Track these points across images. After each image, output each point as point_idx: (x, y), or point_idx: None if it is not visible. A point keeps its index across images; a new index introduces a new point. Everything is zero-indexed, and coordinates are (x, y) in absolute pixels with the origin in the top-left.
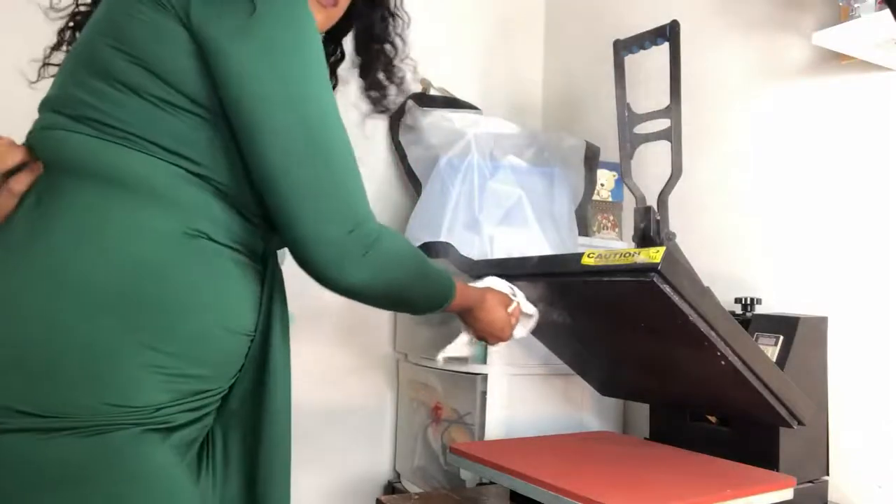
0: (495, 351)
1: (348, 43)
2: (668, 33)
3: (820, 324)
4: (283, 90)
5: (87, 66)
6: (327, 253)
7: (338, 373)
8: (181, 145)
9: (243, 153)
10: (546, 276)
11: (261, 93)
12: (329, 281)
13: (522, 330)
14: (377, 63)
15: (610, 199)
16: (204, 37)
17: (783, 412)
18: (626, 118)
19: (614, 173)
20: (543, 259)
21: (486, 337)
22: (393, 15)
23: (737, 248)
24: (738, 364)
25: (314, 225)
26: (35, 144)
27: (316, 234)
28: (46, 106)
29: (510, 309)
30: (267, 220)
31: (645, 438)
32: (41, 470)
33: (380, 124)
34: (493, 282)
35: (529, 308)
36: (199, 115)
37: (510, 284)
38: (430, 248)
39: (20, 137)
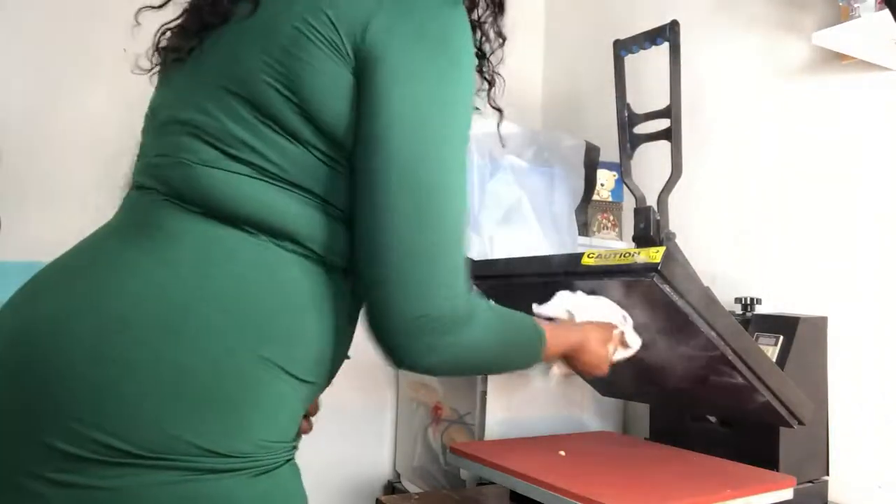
0: None
1: None
2: (668, 33)
3: (820, 324)
4: (423, 150)
5: (246, 101)
6: (410, 331)
7: (338, 373)
8: (336, 196)
9: (355, 198)
10: (546, 276)
11: (398, 149)
12: (398, 361)
13: (619, 355)
14: None
15: (610, 199)
16: (366, 79)
17: (783, 412)
18: (626, 118)
19: (614, 173)
20: (543, 259)
21: (583, 373)
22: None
23: (737, 248)
24: (738, 364)
25: (403, 297)
26: (173, 171)
27: (406, 308)
28: (184, 129)
29: (612, 342)
30: None
31: (645, 438)
32: None
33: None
34: (604, 307)
35: (633, 341)
36: (348, 167)
37: (624, 312)
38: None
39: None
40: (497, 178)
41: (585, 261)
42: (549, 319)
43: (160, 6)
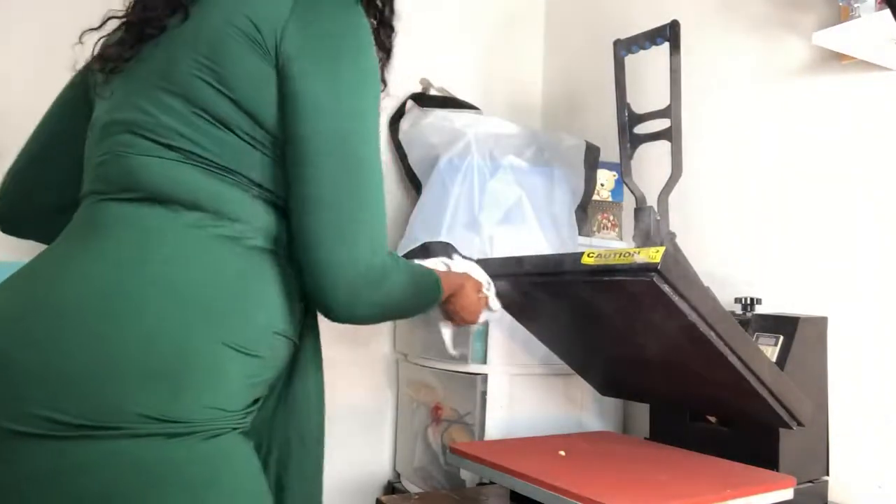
0: (495, 350)
1: None
2: (668, 33)
3: (820, 324)
4: (343, 126)
5: (179, 96)
6: (341, 288)
7: (338, 373)
8: (265, 178)
9: (289, 176)
10: (546, 275)
11: (322, 128)
12: (332, 312)
13: (484, 316)
14: None
15: (610, 199)
16: (286, 75)
17: (783, 412)
18: (626, 118)
19: (614, 173)
20: (543, 259)
21: (455, 318)
22: (383, 24)
23: (737, 248)
24: (738, 364)
25: (337, 256)
26: (111, 167)
27: (337, 267)
28: (121, 127)
29: (480, 296)
30: None
31: (645, 438)
32: (171, 473)
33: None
34: (472, 269)
35: (495, 304)
36: (275, 151)
37: (488, 278)
38: (430, 248)
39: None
40: (497, 178)
41: (585, 260)
42: None
43: (99, 27)
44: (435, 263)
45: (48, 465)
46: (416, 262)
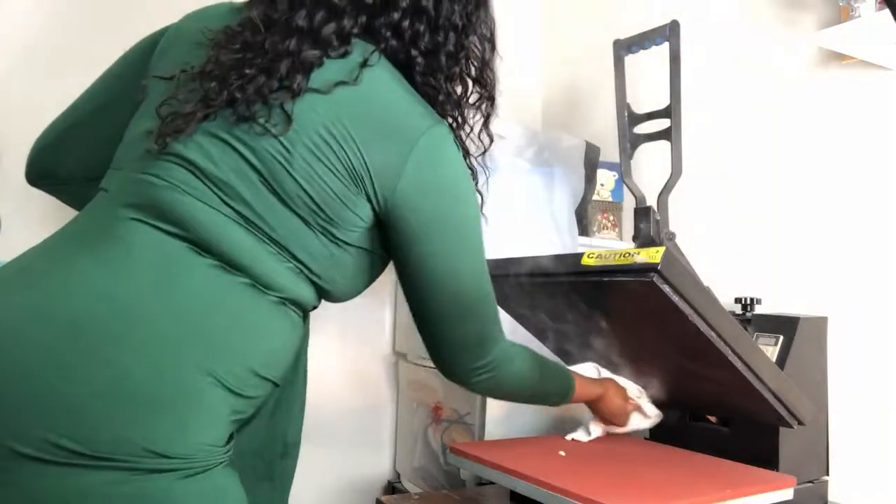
0: None
1: None
2: (668, 33)
3: (820, 324)
4: (465, 265)
5: (255, 170)
6: (473, 378)
7: (338, 373)
8: (312, 259)
9: (406, 290)
10: (546, 276)
11: (448, 263)
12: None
13: (639, 423)
14: None
15: (610, 199)
16: (395, 217)
17: (783, 412)
18: (626, 118)
19: (614, 173)
20: (543, 259)
21: (605, 422)
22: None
23: (737, 248)
24: (738, 364)
25: (464, 360)
26: (161, 194)
27: (465, 365)
28: (183, 161)
29: (629, 404)
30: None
31: (645, 438)
32: None
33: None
34: (622, 380)
35: (651, 411)
36: (347, 251)
37: (638, 388)
38: None
39: None
40: (497, 178)
41: (585, 261)
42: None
43: (168, 78)
44: (586, 368)
45: (49, 491)
46: (573, 368)
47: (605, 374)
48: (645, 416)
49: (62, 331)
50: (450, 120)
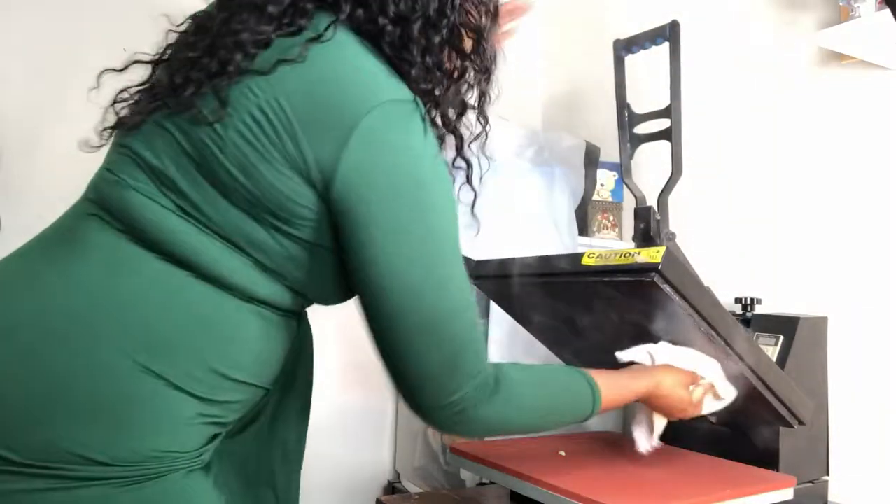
0: (495, 351)
1: None
2: (668, 33)
3: (820, 324)
4: (420, 271)
5: (192, 160)
6: (441, 417)
7: (338, 373)
8: (262, 254)
9: (364, 303)
10: (546, 276)
11: (397, 269)
12: (438, 429)
13: (711, 406)
14: None
15: (610, 199)
16: (342, 208)
17: (783, 412)
18: (626, 118)
19: (614, 173)
20: (543, 259)
21: (665, 416)
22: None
23: (737, 248)
24: (739, 364)
25: (429, 393)
26: (112, 189)
27: (430, 401)
28: (133, 158)
29: (696, 389)
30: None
31: None
32: None
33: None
34: (691, 356)
35: (726, 391)
36: (303, 248)
37: (713, 361)
38: None
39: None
40: (497, 177)
41: (585, 261)
42: (631, 363)
43: (121, 70)
44: (637, 354)
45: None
46: (617, 354)
47: (664, 357)
48: (717, 397)
49: (4, 333)
50: (426, 99)
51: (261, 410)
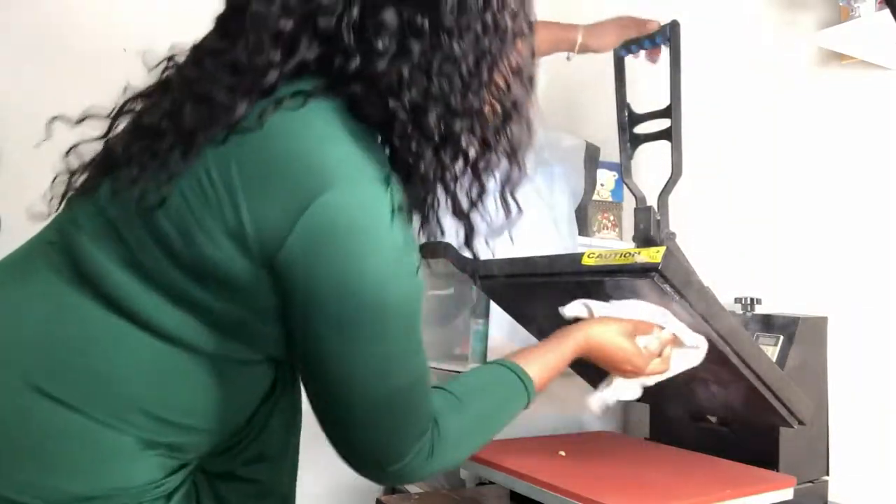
0: (494, 350)
1: None
2: (668, 33)
3: (820, 324)
4: (363, 368)
5: (144, 225)
6: (383, 479)
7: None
8: (206, 313)
9: (303, 376)
10: (546, 276)
11: (338, 362)
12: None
13: (684, 358)
14: None
15: (610, 199)
16: (285, 287)
17: (783, 412)
18: (626, 118)
19: (614, 173)
20: (543, 259)
21: (615, 370)
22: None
23: (737, 248)
24: (739, 364)
25: (371, 462)
26: (67, 231)
27: (372, 467)
28: (94, 201)
29: (651, 340)
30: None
31: (645, 438)
32: None
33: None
34: (627, 308)
35: (691, 338)
36: (246, 309)
37: (662, 311)
38: (429, 248)
39: None
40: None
41: (585, 261)
42: (576, 320)
43: (78, 122)
44: (575, 308)
45: None
46: (560, 308)
47: (603, 310)
48: (680, 344)
49: None
50: (428, 190)
51: (254, 480)
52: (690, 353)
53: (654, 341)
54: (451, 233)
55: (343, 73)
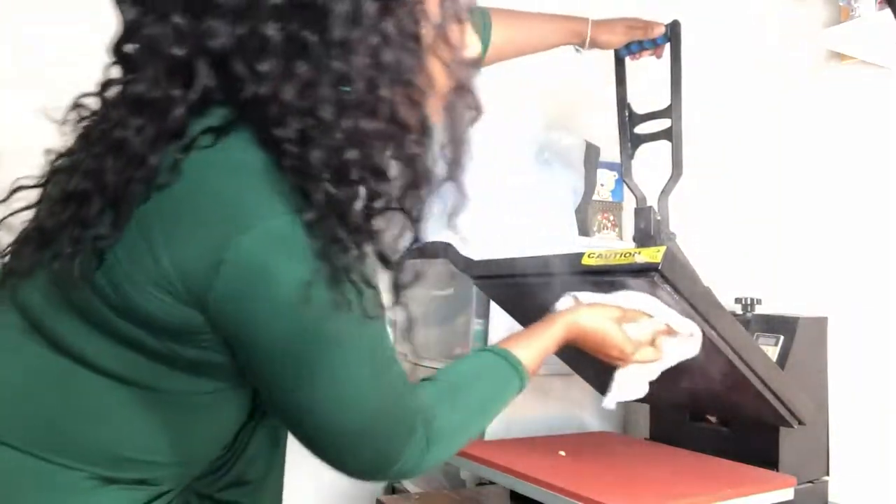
0: None
1: None
2: (669, 33)
3: (820, 324)
4: (322, 402)
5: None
6: (381, 479)
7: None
8: (163, 360)
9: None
10: (546, 276)
11: (296, 401)
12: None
13: (676, 347)
14: None
15: (610, 199)
16: (225, 334)
17: (783, 412)
18: (626, 118)
19: (614, 173)
20: (543, 259)
21: (605, 359)
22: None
23: (737, 248)
24: (739, 364)
25: (366, 473)
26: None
27: (368, 476)
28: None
29: (642, 329)
30: None
31: (645, 438)
32: None
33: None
34: (614, 298)
35: (682, 326)
36: (199, 352)
37: (651, 298)
38: (429, 248)
39: None
40: (497, 177)
41: (585, 261)
42: None
43: (6, 199)
44: (563, 303)
45: None
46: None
47: (593, 299)
48: (673, 332)
49: None
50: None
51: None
52: (686, 343)
53: (645, 329)
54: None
55: (244, 101)
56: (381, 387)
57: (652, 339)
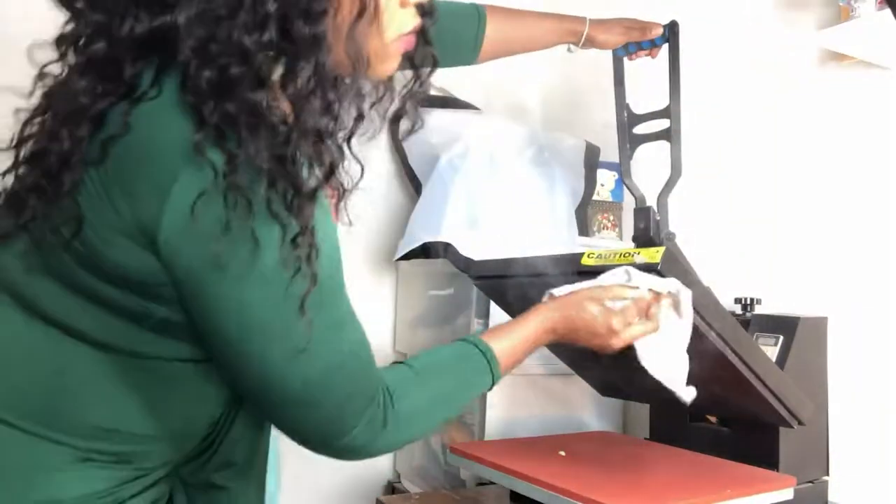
0: None
1: None
2: (668, 33)
3: (820, 324)
4: (271, 349)
5: (59, 239)
6: (333, 454)
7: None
8: (134, 318)
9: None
10: (546, 276)
11: (246, 350)
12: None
13: (676, 325)
14: None
15: (610, 199)
16: (174, 278)
17: (783, 412)
18: (626, 118)
19: (614, 173)
20: (543, 259)
21: (596, 346)
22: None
23: (737, 248)
24: (738, 364)
25: (317, 441)
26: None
27: (319, 445)
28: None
29: (623, 302)
30: None
31: (645, 438)
32: None
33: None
34: (603, 278)
35: (666, 286)
36: (166, 308)
37: (647, 276)
38: (429, 248)
39: None
40: (497, 177)
41: (585, 261)
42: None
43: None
44: (560, 290)
45: None
46: (561, 288)
47: (568, 288)
48: (662, 297)
49: None
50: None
51: (224, 487)
52: (680, 305)
53: (630, 302)
54: (452, 233)
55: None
56: (333, 340)
57: (646, 311)
